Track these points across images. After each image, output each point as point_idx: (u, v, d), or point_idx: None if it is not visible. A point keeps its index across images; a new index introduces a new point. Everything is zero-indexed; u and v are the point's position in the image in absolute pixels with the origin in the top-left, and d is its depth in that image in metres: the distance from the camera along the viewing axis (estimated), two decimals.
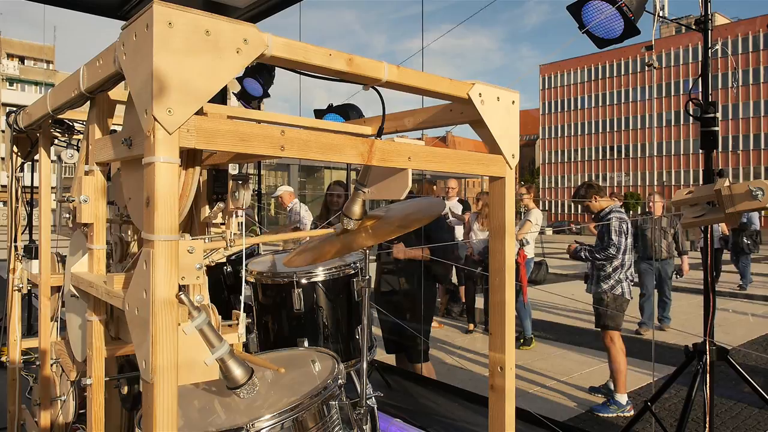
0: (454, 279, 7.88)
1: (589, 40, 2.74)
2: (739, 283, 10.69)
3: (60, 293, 1.91)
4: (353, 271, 2.26)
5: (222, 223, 1.89)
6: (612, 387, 4.51)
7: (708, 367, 2.67)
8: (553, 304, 8.68)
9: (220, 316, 1.24)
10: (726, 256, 11.37)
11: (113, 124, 1.35)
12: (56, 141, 2.12)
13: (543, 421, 3.38)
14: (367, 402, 1.99)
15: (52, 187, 2.07)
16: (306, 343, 2.16)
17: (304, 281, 2.17)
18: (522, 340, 6.27)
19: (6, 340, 2.30)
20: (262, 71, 4.05)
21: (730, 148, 65.57)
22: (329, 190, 5.25)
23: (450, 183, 7.83)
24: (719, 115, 3.78)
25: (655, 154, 72.60)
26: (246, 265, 2.35)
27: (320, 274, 2.20)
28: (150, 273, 0.87)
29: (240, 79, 4.17)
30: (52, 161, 2.05)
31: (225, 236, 1.59)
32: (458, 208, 7.66)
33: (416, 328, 4.18)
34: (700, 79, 2.79)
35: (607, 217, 4.57)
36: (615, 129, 76.06)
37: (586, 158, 78.80)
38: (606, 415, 4.34)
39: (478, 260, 6.94)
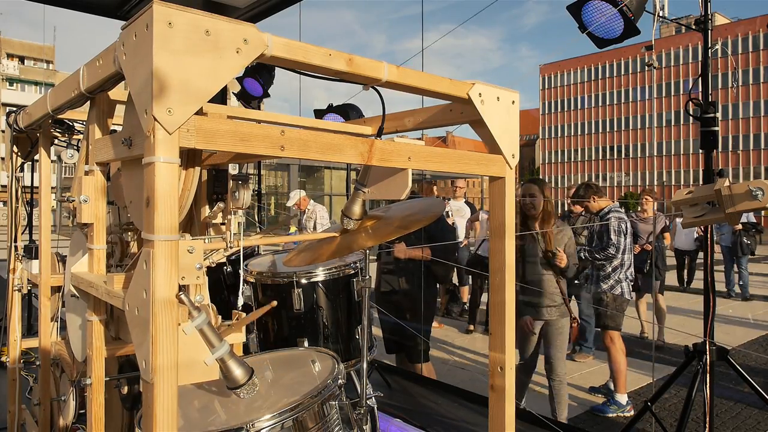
0: (455, 279, 7.86)
1: (589, 40, 2.74)
2: (738, 284, 9.95)
3: (60, 293, 1.91)
4: (353, 271, 2.26)
5: (222, 223, 1.89)
6: (612, 387, 4.51)
7: (708, 367, 2.67)
8: None
9: (220, 316, 1.24)
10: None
11: (113, 124, 1.35)
12: (56, 141, 2.12)
13: (543, 421, 3.38)
14: (367, 402, 1.99)
15: (52, 187, 2.07)
16: (306, 343, 2.16)
17: (304, 281, 2.17)
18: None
19: (6, 340, 2.30)
20: (262, 71, 4.05)
21: (730, 148, 65.53)
22: (523, 194, 4.02)
23: (458, 183, 7.73)
24: (719, 115, 3.77)
25: (655, 154, 72.59)
26: (246, 265, 2.35)
27: (320, 274, 2.20)
28: (150, 273, 0.87)
29: (240, 79, 4.17)
30: (52, 161, 2.05)
31: (225, 237, 1.59)
32: (466, 210, 7.57)
33: (416, 328, 4.18)
34: (700, 79, 2.79)
35: (606, 217, 4.57)
36: (615, 129, 76.02)
37: (586, 158, 78.78)
38: (606, 415, 4.34)
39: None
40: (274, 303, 1.41)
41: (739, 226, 9.04)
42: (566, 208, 6.61)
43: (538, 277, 3.87)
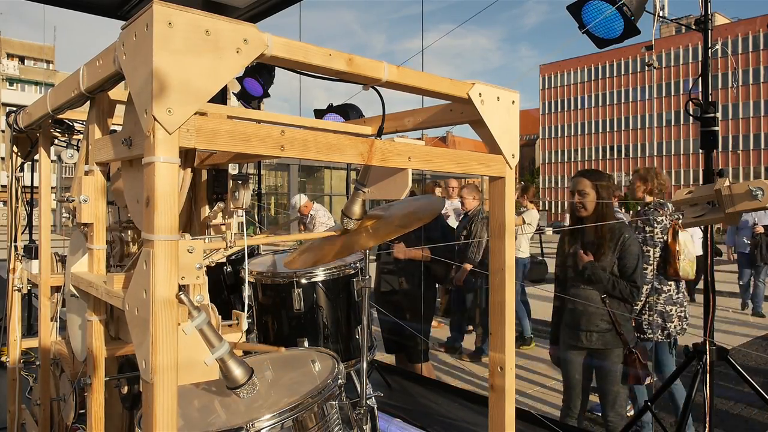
0: None
1: (589, 40, 2.74)
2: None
3: (60, 293, 1.91)
4: (353, 271, 2.26)
5: (222, 223, 1.89)
6: None
7: (708, 367, 2.67)
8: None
9: (220, 316, 1.24)
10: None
11: (113, 124, 1.35)
12: (56, 141, 2.12)
13: (543, 421, 3.38)
14: (367, 402, 1.99)
15: (52, 187, 2.07)
16: (306, 343, 2.16)
17: (304, 281, 2.17)
18: (521, 340, 6.27)
19: (6, 340, 2.30)
20: (262, 71, 4.05)
21: (730, 148, 65.55)
22: (575, 188, 3.23)
23: (451, 182, 7.81)
24: (719, 115, 3.76)
25: (655, 154, 72.59)
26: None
27: (320, 274, 2.20)
28: (150, 273, 0.87)
29: (240, 79, 4.17)
30: (52, 161, 2.05)
31: (225, 237, 1.59)
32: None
33: (416, 328, 4.18)
34: (700, 79, 2.79)
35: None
36: (615, 129, 76.07)
37: (586, 158, 78.78)
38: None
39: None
40: (282, 349, 1.41)
41: (761, 229, 7.86)
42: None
43: (579, 293, 3.19)
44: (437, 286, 4.97)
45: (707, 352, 2.68)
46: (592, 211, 3.15)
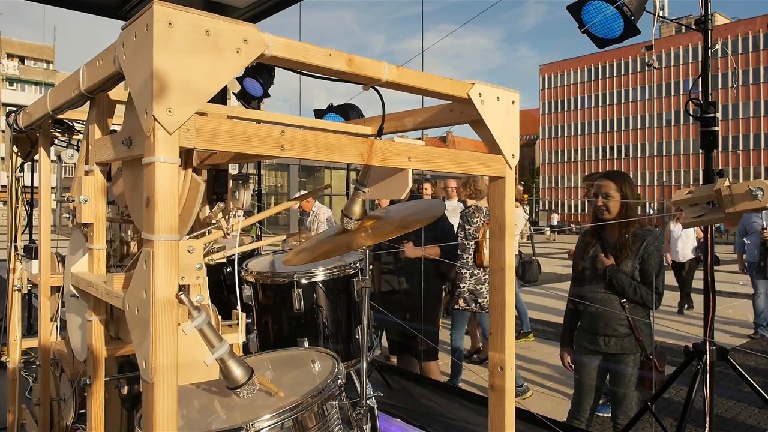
0: None
1: (589, 40, 2.74)
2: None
3: (60, 293, 1.91)
4: (353, 271, 2.26)
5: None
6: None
7: (708, 367, 2.67)
8: (553, 304, 8.67)
9: (220, 316, 1.24)
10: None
11: (113, 124, 1.35)
12: (56, 141, 2.12)
13: (543, 421, 3.38)
14: (367, 402, 1.99)
15: (52, 187, 2.07)
16: (306, 343, 2.16)
17: (304, 281, 2.17)
18: (519, 332, 6.32)
19: (6, 340, 2.30)
20: (262, 71, 4.05)
21: (730, 148, 65.57)
22: (598, 190, 3.14)
23: (449, 183, 7.81)
24: (719, 115, 3.76)
25: (655, 154, 72.60)
26: (246, 265, 2.35)
27: (320, 274, 2.20)
28: (150, 273, 0.87)
29: (240, 79, 4.17)
30: (52, 161, 2.05)
31: (221, 227, 1.59)
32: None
33: (417, 328, 4.18)
34: (700, 79, 2.79)
35: None
36: (615, 129, 76.09)
37: (586, 158, 78.80)
38: (606, 414, 4.33)
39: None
40: (282, 394, 1.33)
41: None
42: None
43: (598, 297, 3.14)
44: (443, 286, 4.98)
45: (707, 352, 2.68)
46: (616, 213, 3.10)
